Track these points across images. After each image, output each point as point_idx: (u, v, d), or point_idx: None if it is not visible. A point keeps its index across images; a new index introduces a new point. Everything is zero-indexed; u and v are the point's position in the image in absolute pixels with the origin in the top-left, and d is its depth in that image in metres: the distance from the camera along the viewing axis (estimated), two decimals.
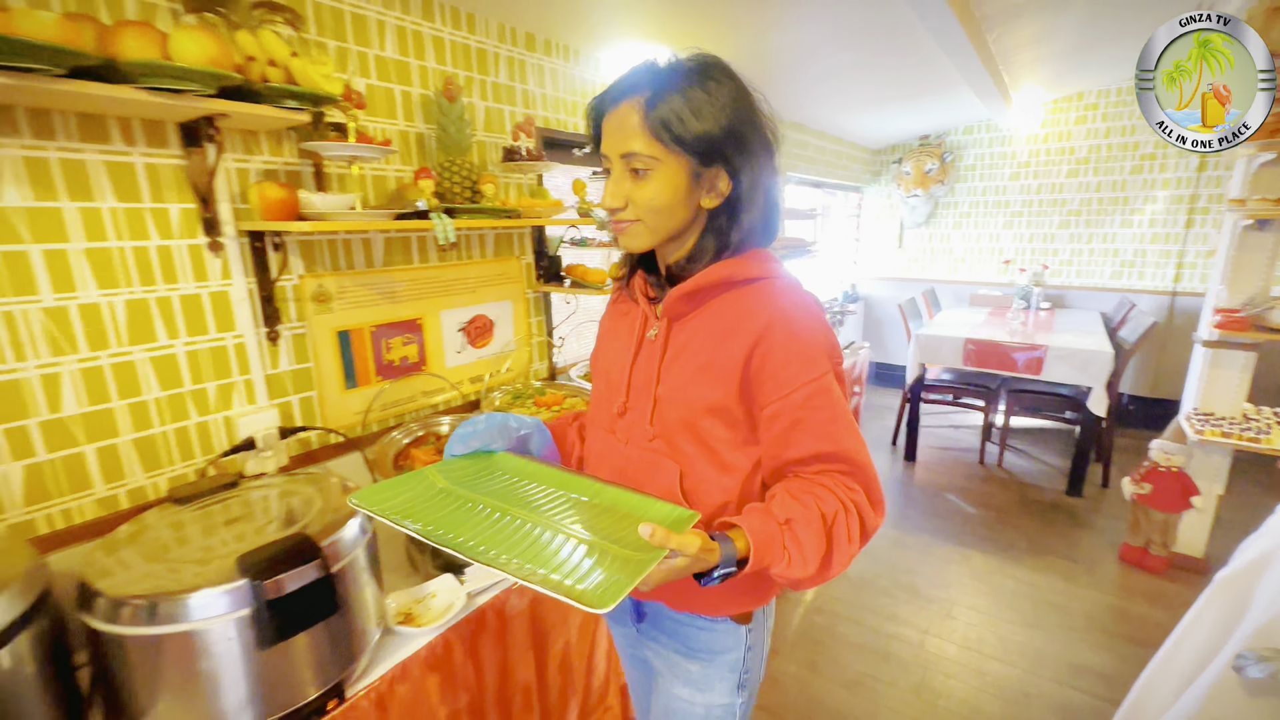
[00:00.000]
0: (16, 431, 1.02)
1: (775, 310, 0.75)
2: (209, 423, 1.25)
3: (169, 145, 1.13)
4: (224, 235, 1.22)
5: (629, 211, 0.77)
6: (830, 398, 0.74)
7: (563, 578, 0.58)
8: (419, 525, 0.66)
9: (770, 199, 0.78)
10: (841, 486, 0.74)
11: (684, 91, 0.70)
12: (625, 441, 0.85)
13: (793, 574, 0.70)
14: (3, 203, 0.97)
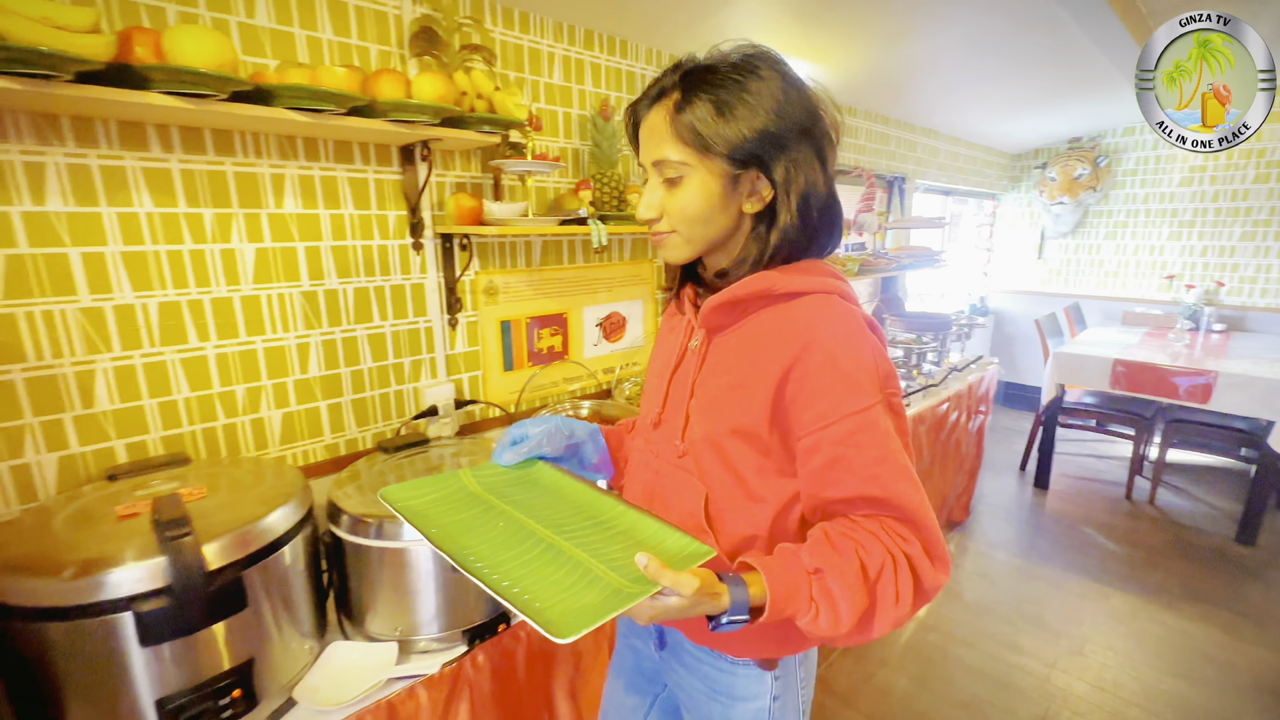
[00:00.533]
0: (279, 386, 1.31)
1: (816, 330, 0.66)
2: (403, 391, 1.52)
3: (391, 164, 1.40)
4: (424, 237, 1.48)
5: (664, 222, 0.71)
6: (877, 434, 0.64)
7: (542, 598, 0.55)
8: (426, 529, 0.66)
9: (820, 203, 0.69)
10: (893, 535, 0.64)
11: (716, 92, 0.65)
12: (656, 454, 0.80)
13: (820, 630, 0.62)
14: (284, 209, 1.26)
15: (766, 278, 0.70)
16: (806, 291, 0.69)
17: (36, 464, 1.06)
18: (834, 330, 0.66)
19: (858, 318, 0.69)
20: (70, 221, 1.04)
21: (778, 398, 0.68)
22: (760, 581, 0.61)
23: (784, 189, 0.68)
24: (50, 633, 0.78)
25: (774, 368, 0.68)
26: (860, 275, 2.54)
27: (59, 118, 1.00)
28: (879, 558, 0.63)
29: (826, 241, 0.74)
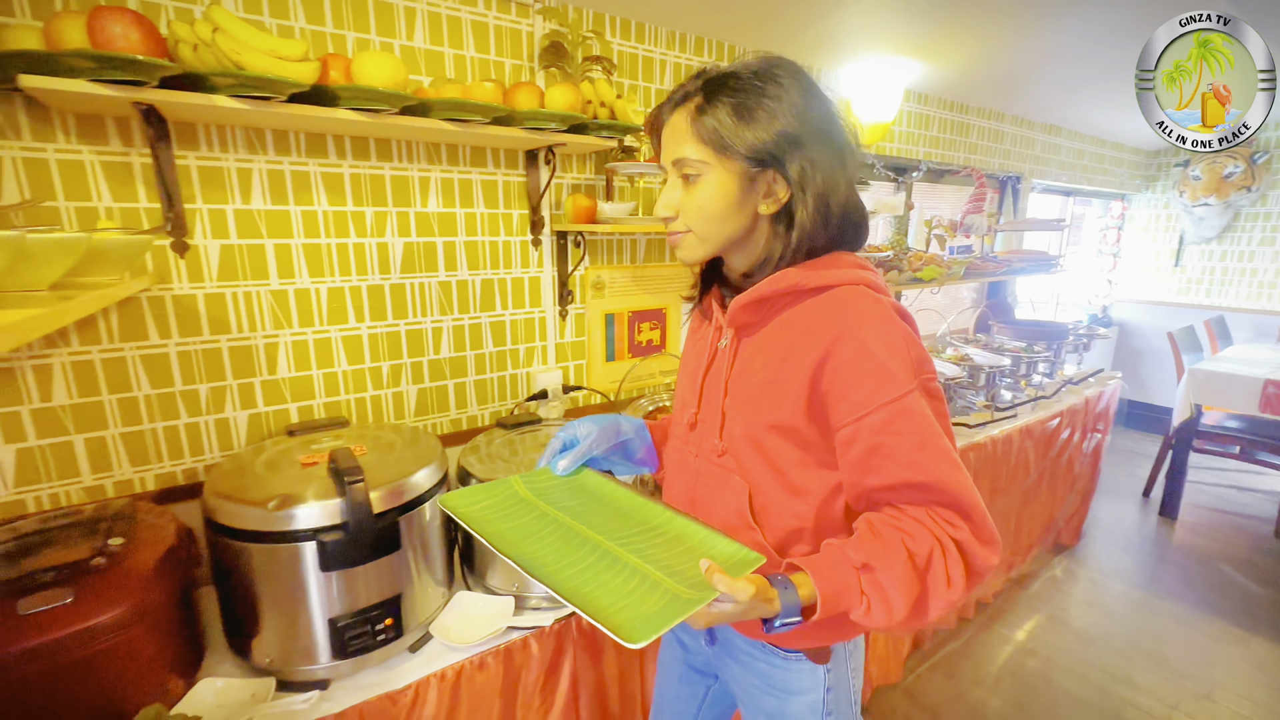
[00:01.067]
0: (416, 365, 1.48)
1: (846, 321, 0.67)
2: (518, 375, 1.66)
3: (518, 167, 1.54)
4: (542, 234, 1.61)
5: (679, 221, 0.73)
6: (915, 420, 0.64)
7: (606, 604, 0.58)
8: (489, 534, 0.69)
9: (840, 202, 0.71)
10: (939, 521, 0.65)
11: (736, 96, 0.67)
12: (696, 454, 0.82)
13: (875, 622, 0.64)
14: (428, 208, 1.43)
15: (791, 274, 0.71)
16: (833, 285, 0.70)
17: (233, 419, 1.27)
18: (863, 320, 0.67)
19: (886, 306, 0.69)
20: (268, 218, 1.24)
21: (813, 391, 0.69)
22: (809, 582, 0.63)
23: (800, 188, 0.69)
24: (253, 553, 0.95)
25: (807, 361, 0.69)
26: (966, 279, 2.44)
27: (264, 131, 1.20)
28: (927, 544, 0.63)
29: (851, 239, 0.75)
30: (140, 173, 1.11)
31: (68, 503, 1.13)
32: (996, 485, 2.30)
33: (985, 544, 0.65)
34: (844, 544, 0.66)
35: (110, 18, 0.86)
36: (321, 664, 0.99)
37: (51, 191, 1.04)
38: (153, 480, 1.21)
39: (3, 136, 1.00)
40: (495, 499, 0.78)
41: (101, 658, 0.82)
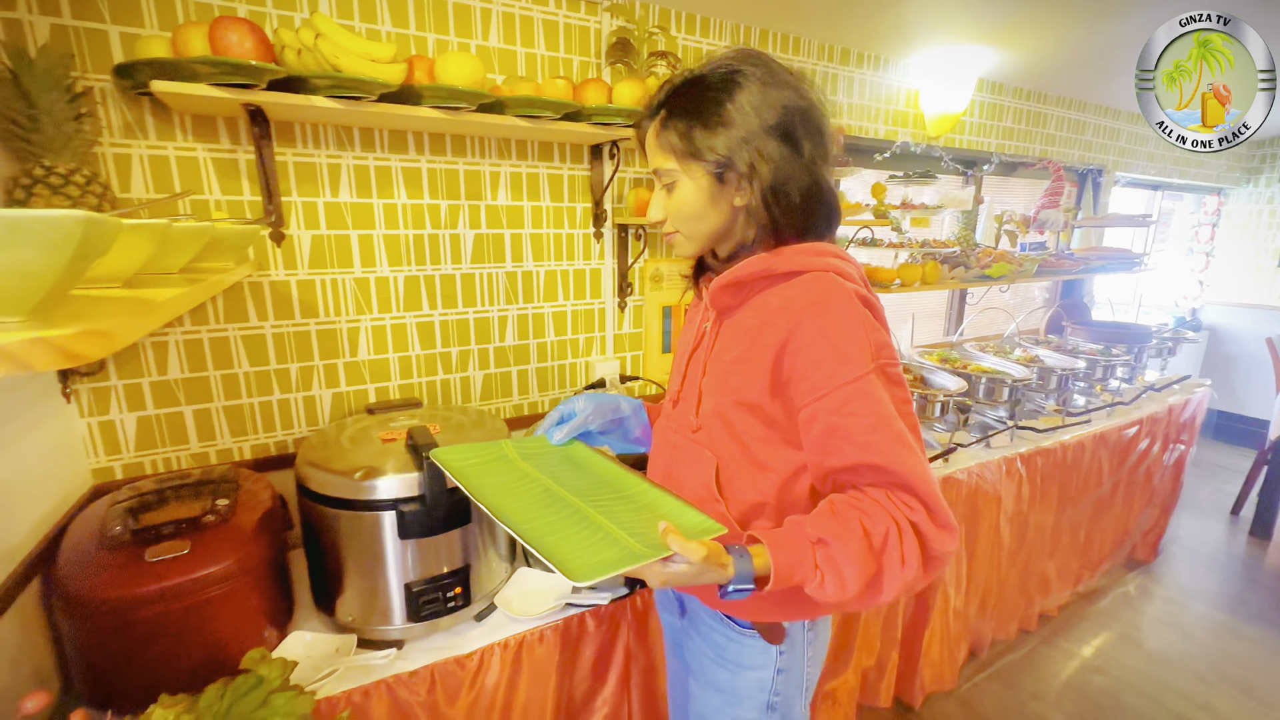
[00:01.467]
0: (483, 351, 1.56)
1: (807, 304, 0.70)
2: (576, 364, 1.71)
3: (583, 161, 1.58)
4: (604, 227, 1.65)
5: (668, 224, 0.79)
6: (871, 402, 0.67)
7: (563, 549, 0.61)
8: (471, 487, 0.74)
9: (801, 190, 0.73)
10: (896, 503, 0.67)
11: (692, 105, 0.72)
12: (675, 430, 0.86)
13: (828, 595, 0.66)
14: (498, 201, 1.49)
15: (764, 259, 0.74)
16: (802, 270, 0.73)
17: (319, 396, 1.37)
18: (825, 304, 0.69)
19: (848, 292, 0.71)
20: (353, 210, 1.33)
21: (775, 370, 0.72)
22: (765, 553, 0.66)
23: (757, 181, 0.72)
24: (339, 518, 1.03)
25: (772, 341, 0.72)
26: (1038, 277, 2.33)
27: (353, 129, 1.29)
28: (883, 524, 0.65)
29: (823, 224, 0.77)
30: (245, 168, 1.21)
31: (177, 466, 1.25)
32: (1065, 493, 2.20)
33: (941, 528, 0.67)
34: (803, 519, 0.69)
35: (228, 27, 0.95)
36: (397, 625, 1.07)
37: (171, 185, 1.16)
38: (249, 449, 1.32)
39: (132, 136, 1.11)
40: (485, 458, 0.84)
41: (212, 604, 0.91)
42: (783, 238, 0.75)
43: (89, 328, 0.36)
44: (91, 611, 0.85)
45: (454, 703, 1.07)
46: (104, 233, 0.37)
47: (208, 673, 0.93)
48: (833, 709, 1.74)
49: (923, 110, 2.23)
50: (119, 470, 1.21)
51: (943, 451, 1.81)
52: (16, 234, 0.32)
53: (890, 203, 1.89)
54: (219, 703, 0.78)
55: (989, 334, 2.94)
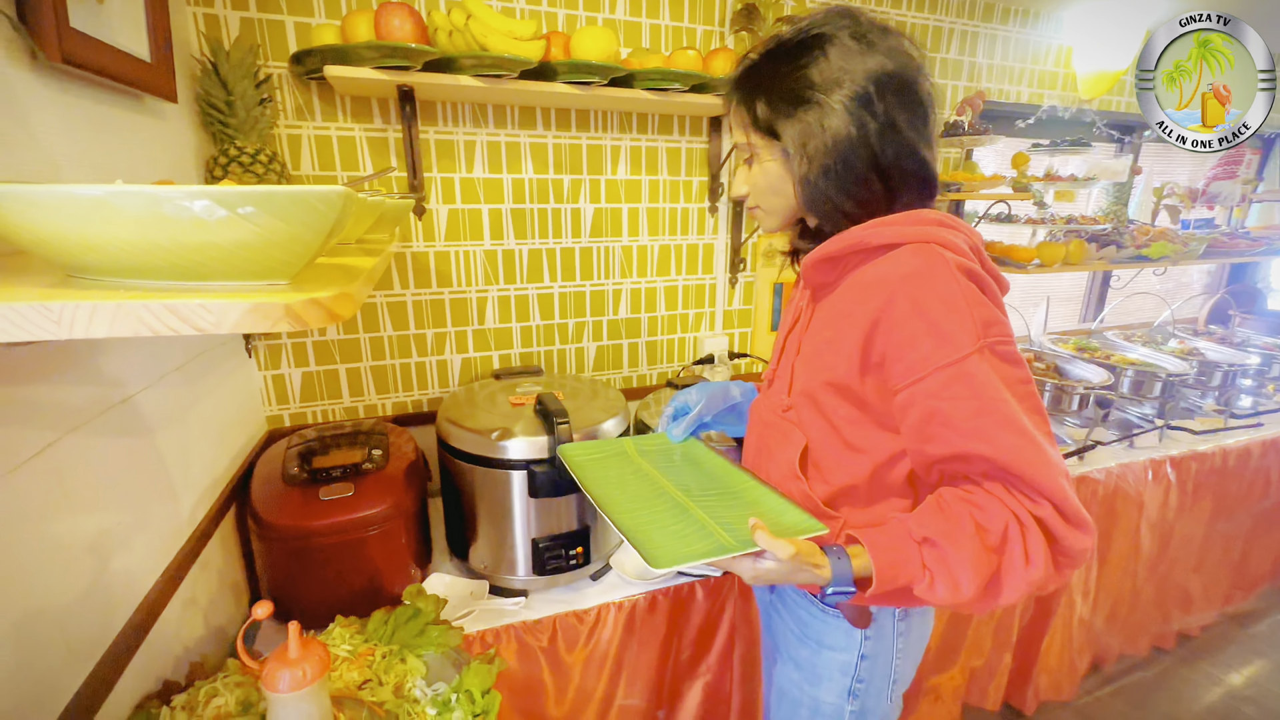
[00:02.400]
0: (597, 324, 1.60)
1: (901, 278, 0.64)
2: (685, 339, 1.72)
3: (701, 134, 1.57)
4: (719, 201, 1.63)
5: (750, 199, 0.77)
6: (975, 385, 0.61)
7: (652, 537, 0.64)
8: (583, 478, 0.80)
9: (893, 167, 0.68)
10: (1016, 497, 0.62)
11: (767, 76, 0.69)
12: (768, 407, 0.85)
13: (940, 598, 0.62)
14: (617, 175, 1.51)
15: (855, 232, 0.69)
16: (899, 242, 0.67)
17: (450, 361, 1.48)
18: (920, 277, 0.63)
19: (948, 263, 0.64)
20: (485, 185, 1.40)
21: (866, 350, 0.68)
22: (864, 554, 0.63)
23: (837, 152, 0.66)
24: (476, 474, 1.11)
25: (862, 320, 0.67)
26: (1204, 258, 2.05)
27: (487, 107, 1.35)
28: (999, 520, 0.60)
29: (914, 195, 0.70)
30: (394, 146, 1.30)
31: (332, 418, 1.40)
32: (1221, 503, 1.96)
33: (1072, 524, 0.61)
34: (906, 517, 0.65)
35: (391, 12, 1.01)
36: (521, 576, 1.15)
37: (333, 162, 1.27)
38: (390, 406, 1.45)
39: (302, 118, 1.23)
40: (605, 453, 0.89)
41: (371, 541, 1.02)
42: (875, 209, 0.70)
43: (342, 290, 0.40)
44: (279, 536, 0.98)
45: (572, 651, 1.14)
46: (353, 206, 0.41)
47: (367, 599, 1.05)
48: (935, 705, 1.68)
49: (1075, 69, 2.00)
50: (287, 418, 1.37)
51: (1078, 449, 1.67)
52: (296, 206, 0.37)
53: (1033, 174, 1.72)
54: (384, 627, 0.88)
55: (1134, 322, 2.64)
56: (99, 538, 0.69)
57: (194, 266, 0.39)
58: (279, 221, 0.37)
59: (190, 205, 0.35)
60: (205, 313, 0.34)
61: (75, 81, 0.70)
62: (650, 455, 0.90)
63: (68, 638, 0.63)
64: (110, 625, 0.71)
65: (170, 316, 0.34)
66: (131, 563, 0.76)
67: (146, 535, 0.80)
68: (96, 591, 0.68)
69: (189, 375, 0.97)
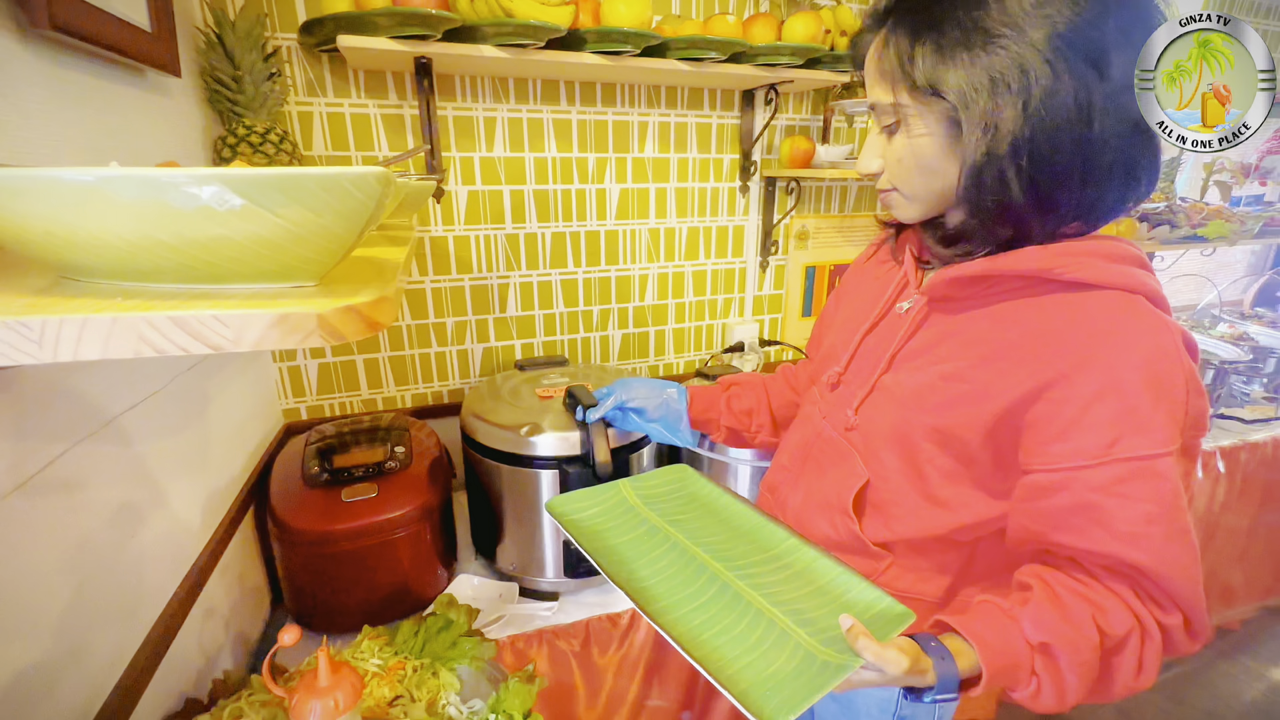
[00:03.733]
0: (622, 311, 1.53)
1: (1107, 340, 0.50)
2: (714, 325, 1.65)
3: (733, 108, 1.47)
4: (751, 180, 1.54)
5: (884, 178, 0.60)
6: (1159, 488, 0.49)
7: (731, 658, 0.53)
8: (596, 551, 0.66)
9: (1100, 146, 0.51)
10: (1147, 602, 0.53)
11: (931, 11, 0.51)
12: (824, 415, 0.72)
13: (1038, 705, 0.54)
14: (644, 154, 1.43)
15: (1037, 256, 0.53)
16: (1097, 285, 0.52)
17: (471, 350, 1.42)
18: (1135, 346, 0.50)
19: (1173, 333, 0.51)
20: (506, 165, 1.32)
21: (1014, 413, 0.55)
22: (970, 654, 0.53)
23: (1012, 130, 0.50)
24: (503, 471, 1.06)
25: (1025, 376, 0.54)
26: (1260, 237, 1.94)
27: (508, 80, 1.26)
28: (1123, 626, 0.52)
29: (1111, 198, 0.54)
30: (410, 123, 1.22)
31: (350, 410, 1.35)
32: (1270, 495, 1.88)
33: (1194, 638, 0.54)
34: (1015, 611, 0.55)
35: None
36: (553, 579, 1.10)
37: (346, 141, 1.19)
38: (410, 398, 1.40)
39: (313, 94, 1.15)
40: (603, 505, 0.77)
41: (397, 544, 0.97)
42: (1053, 214, 0.54)
43: (381, 294, 0.34)
44: (301, 540, 0.93)
45: (604, 655, 1.09)
46: (392, 191, 0.34)
47: (393, 603, 1.01)
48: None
49: None
50: (304, 411, 1.32)
51: None
52: (328, 192, 0.30)
53: None
54: (414, 639, 0.83)
55: (1176, 305, 2.53)
56: (115, 549, 0.64)
57: (204, 267, 0.32)
58: (307, 211, 0.30)
59: (198, 193, 0.28)
60: (220, 327, 0.28)
61: (70, 53, 0.63)
62: (656, 502, 0.78)
63: (83, 659, 0.59)
64: (129, 642, 0.66)
65: (177, 332, 0.27)
66: (150, 572, 0.71)
67: (164, 542, 0.75)
68: (114, 605, 0.64)
69: (205, 371, 0.91)
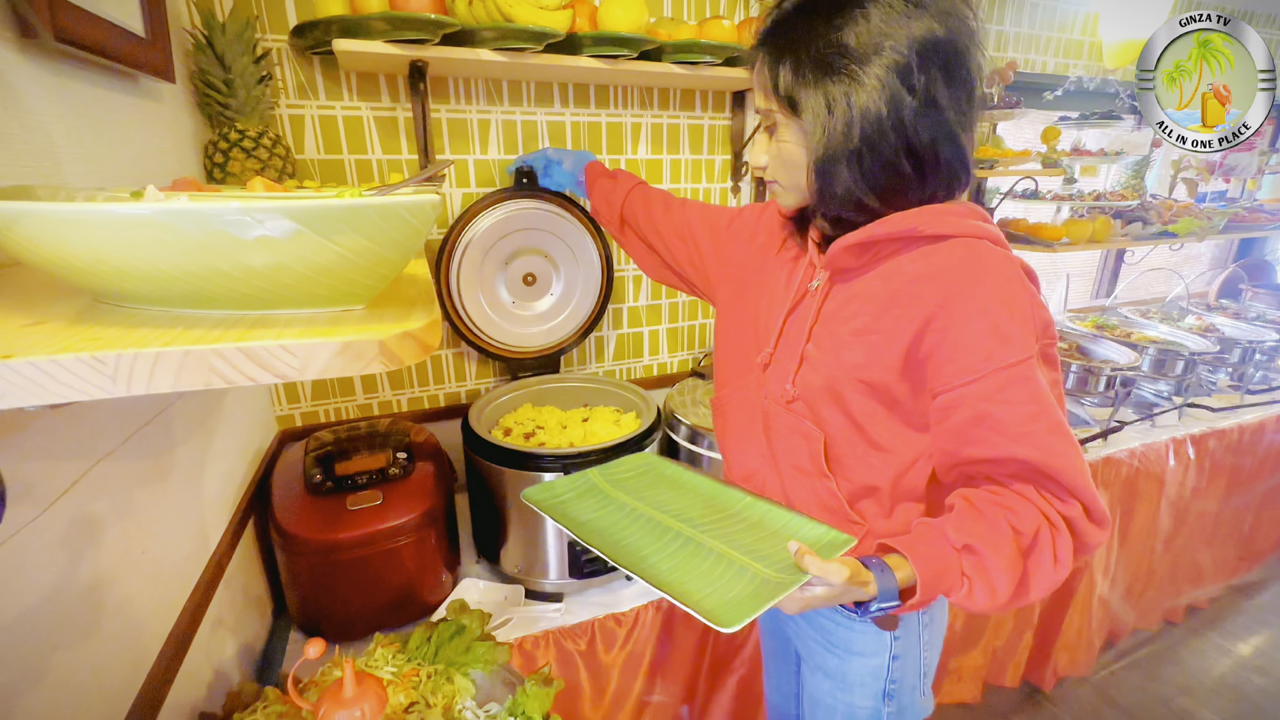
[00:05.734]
0: (617, 310, 1.54)
1: (964, 276, 0.61)
2: (706, 325, 1.67)
3: (724, 110, 1.49)
4: (742, 181, 1.56)
5: (769, 171, 0.70)
6: (1030, 389, 0.59)
7: (695, 589, 0.59)
8: (575, 528, 0.72)
9: (929, 150, 0.62)
10: (1048, 499, 0.61)
11: (797, 37, 0.61)
12: (766, 396, 0.78)
13: (976, 604, 0.61)
14: (638, 155, 1.43)
15: (906, 218, 0.63)
16: (951, 235, 0.63)
17: (466, 353, 1.41)
18: (984, 277, 0.61)
19: (1012, 263, 0.62)
20: (500, 168, 1.31)
21: (913, 348, 0.64)
22: (905, 565, 0.60)
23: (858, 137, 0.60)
24: (506, 475, 1.06)
25: (912, 316, 0.63)
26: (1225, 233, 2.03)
27: (502, 83, 1.26)
28: (1032, 522, 0.60)
29: (940, 188, 0.65)
30: (403, 126, 1.21)
31: (346, 416, 1.34)
32: (1235, 479, 1.97)
33: (1096, 523, 0.61)
34: (941, 523, 0.63)
35: None
36: (558, 580, 1.11)
37: (339, 144, 1.18)
38: (406, 403, 1.39)
39: (305, 96, 1.14)
40: (576, 491, 0.82)
41: (402, 551, 0.97)
42: (896, 199, 0.65)
43: (432, 318, 0.34)
44: (307, 550, 0.93)
45: (610, 653, 1.11)
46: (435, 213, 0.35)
47: (399, 609, 1.01)
48: (957, 684, 1.69)
49: (1101, 38, 1.93)
50: (298, 418, 1.30)
51: (1103, 431, 1.65)
52: (387, 221, 0.31)
53: (1062, 149, 1.67)
54: (426, 645, 0.83)
55: (1144, 297, 2.62)
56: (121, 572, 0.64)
57: (258, 294, 0.32)
58: (364, 239, 0.31)
59: (260, 223, 0.29)
60: (289, 356, 0.28)
61: (68, 62, 0.62)
62: (624, 485, 0.84)
63: (100, 682, 0.58)
64: (141, 661, 0.65)
65: (247, 363, 0.28)
66: (158, 592, 0.70)
67: (171, 560, 0.74)
68: (124, 629, 0.63)
69: None
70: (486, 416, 1.23)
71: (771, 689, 1.09)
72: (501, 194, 1.28)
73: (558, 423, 1.22)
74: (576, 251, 1.35)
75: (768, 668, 1.09)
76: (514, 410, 1.30)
